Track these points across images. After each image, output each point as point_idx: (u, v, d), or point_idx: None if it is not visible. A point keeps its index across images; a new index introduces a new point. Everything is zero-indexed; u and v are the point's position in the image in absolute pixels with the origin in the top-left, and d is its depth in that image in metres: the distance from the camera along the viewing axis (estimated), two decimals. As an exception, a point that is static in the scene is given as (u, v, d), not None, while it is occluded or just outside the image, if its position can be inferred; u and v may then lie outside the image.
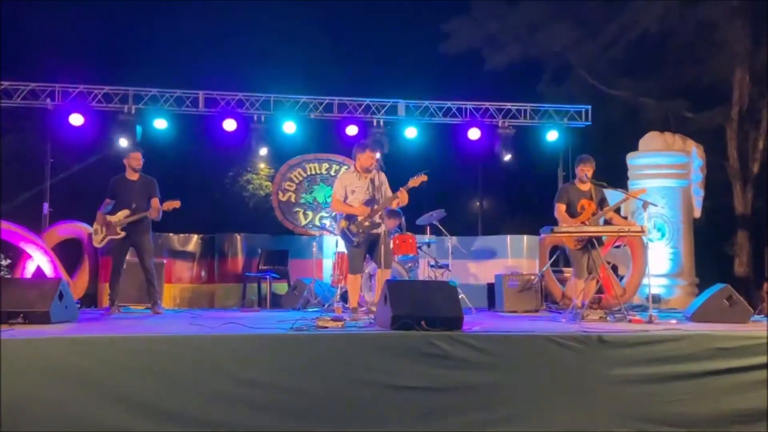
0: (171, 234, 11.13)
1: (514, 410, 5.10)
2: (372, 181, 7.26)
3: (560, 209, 7.82)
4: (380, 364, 5.01)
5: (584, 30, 17.31)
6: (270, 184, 14.63)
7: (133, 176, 8.26)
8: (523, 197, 18.90)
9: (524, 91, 16.58)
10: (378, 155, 7.47)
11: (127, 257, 8.39)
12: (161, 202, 8.17)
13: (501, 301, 9.28)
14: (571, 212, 7.76)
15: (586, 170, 7.77)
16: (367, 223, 7.21)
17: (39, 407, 4.54)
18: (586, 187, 7.80)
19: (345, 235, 7.37)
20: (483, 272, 11.40)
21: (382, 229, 7.18)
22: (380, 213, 7.22)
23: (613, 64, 17.69)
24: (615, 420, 5.16)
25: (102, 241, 8.13)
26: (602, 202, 7.78)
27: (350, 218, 7.28)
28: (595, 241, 7.46)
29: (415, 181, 7.15)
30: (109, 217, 8.09)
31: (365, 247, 7.36)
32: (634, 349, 5.33)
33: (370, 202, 7.25)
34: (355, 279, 7.43)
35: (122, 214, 8.05)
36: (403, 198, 7.17)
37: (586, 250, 7.55)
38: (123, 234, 8.03)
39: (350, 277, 7.49)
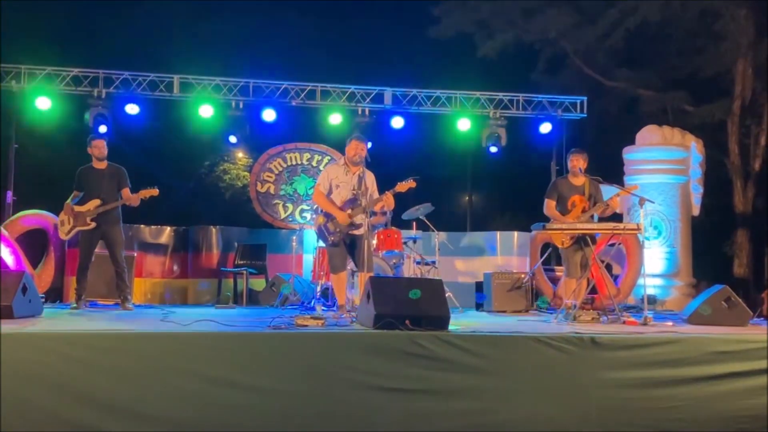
0: (142, 226, 11.07)
1: (501, 414, 5.11)
2: (360, 179, 7.25)
3: (549, 205, 7.83)
4: (362, 365, 5.01)
5: (581, 16, 17.36)
6: (248, 174, 14.65)
7: (100, 165, 8.23)
8: (514, 192, 18.97)
9: (517, 80, 16.63)
10: (365, 147, 7.43)
11: (98, 249, 8.36)
12: (132, 191, 8.15)
13: (489, 300, 9.31)
14: (562, 209, 7.78)
15: (577, 162, 7.76)
16: (347, 224, 7.21)
17: (0, 406, 4.51)
18: (579, 181, 7.81)
19: (321, 232, 7.39)
20: (471, 270, 11.42)
21: (362, 230, 7.15)
22: (363, 214, 7.19)
23: (610, 54, 17.77)
24: (607, 426, 5.19)
25: (69, 232, 8.10)
26: (595, 199, 7.79)
27: (329, 216, 7.28)
28: (588, 239, 7.49)
29: (402, 186, 7.18)
30: (77, 208, 8.04)
31: (345, 246, 7.36)
32: (628, 352, 5.35)
33: (352, 201, 7.24)
34: (338, 277, 7.44)
35: (92, 204, 8.01)
36: (388, 202, 7.19)
37: (578, 249, 7.57)
38: (92, 225, 7.99)
39: (333, 276, 7.53)
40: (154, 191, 8.15)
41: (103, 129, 10.71)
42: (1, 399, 4.52)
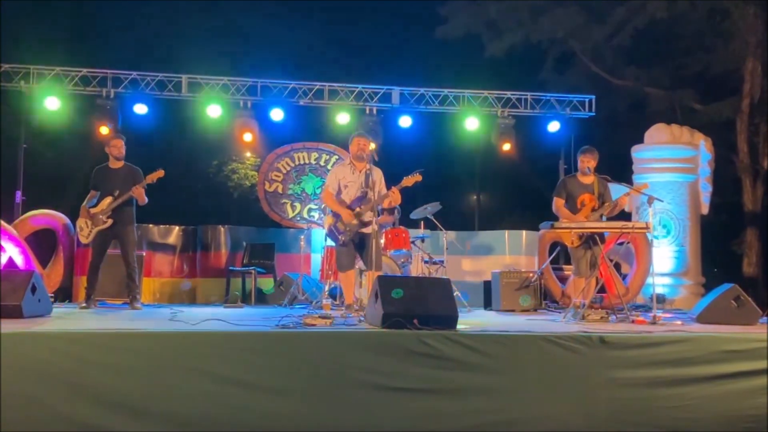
0: (151, 225, 11.09)
1: (510, 414, 5.09)
2: (367, 176, 7.25)
3: (557, 204, 7.81)
4: (370, 364, 5.00)
5: (589, 15, 17.31)
6: (256, 173, 14.66)
7: (117, 165, 8.27)
8: (522, 191, 18.94)
9: (525, 79, 16.62)
10: (370, 145, 7.45)
11: (109, 249, 8.38)
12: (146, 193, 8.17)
13: (498, 299, 9.30)
14: (571, 207, 7.75)
15: (587, 161, 7.74)
16: (354, 222, 7.22)
17: (9, 405, 4.52)
18: (588, 180, 7.78)
19: (331, 232, 7.42)
20: (479, 269, 11.41)
21: (371, 228, 7.14)
22: (371, 211, 7.18)
23: (618, 52, 17.72)
24: (616, 425, 5.17)
25: (89, 235, 8.11)
26: (604, 198, 7.76)
27: (338, 216, 7.31)
28: (597, 238, 7.46)
29: (408, 181, 7.18)
30: (92, 210, 8.08)
31: (354, 245, 7.38)
32: (637, 351, 5.33)
33: (361, 199, 7.26)
34: (346, 276, 7.46)
35: (105, 203, 8.04)
36: (395, 197, 7.19)
37: (587, 248, 7.55)
38: (110, 222, 8.02)
39: (341, 275, 7.54)
40: (160, 172, 8.14)
41: (104, 131, 10.75)
42: (10, 398, 4.54)
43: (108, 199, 8.07)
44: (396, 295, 5.52)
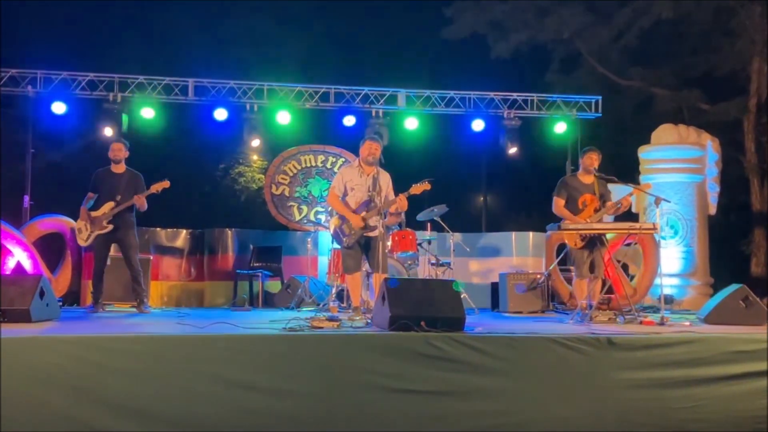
0: (158, 229, 11.09)
1: (518, 416, 5.10)
2: (375, 180, 7.24)
3: (558, 204, 7.73)
4: (377, 366, 5.01)
5: (595, 15, 17.31)
6: (263, 176, 14.65)
7: (119, 169, 8.26)
8: (529, 192, 18.92)
9: (531, 80, 16.65)
10: (379, 147, 7.41)
11: (113, 253, 8.40)
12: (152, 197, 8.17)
13: (505, 301, 9.29)
14: (572, 207, 7.68)
15: (592, 161, 7.68)
16: (361, 225, 7.20)
17: (18, 409, 4.53)
18: (589, 179, 7.72)
19: (337, 234, 7.39)
20: (487, 271, 11.39)
21: (377, 232, 7.11)
22: (377, 215, 7.16)
23: (625, 53, 17.71)
24: (624, 426, 5.16)
25: (88, 239, 8.12)
26: (605, 198, 7.72)
27: (343, 218, 7.29)
28: (604, 239, 7.44)
29: (417, 189, 7.17)
30: (93, 213, 8.09)
31: (359, 247, 7.35)
32: (645, 352, 5.33)
33: (367, 203, 7.24)
34: (352, 278, 7.43)
35: (106, 207, 8.05)
36: (402, 204, 7.16)
37: (591, 250, 7.50)
38: (110, 227, 8.03)
39: (347, 277, 7.51)
40: (165, 183, 8.16)
41: (108, 132, 10.79)
42: (18, 401, 4.55)
43: (110, 204, 8.07)
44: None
